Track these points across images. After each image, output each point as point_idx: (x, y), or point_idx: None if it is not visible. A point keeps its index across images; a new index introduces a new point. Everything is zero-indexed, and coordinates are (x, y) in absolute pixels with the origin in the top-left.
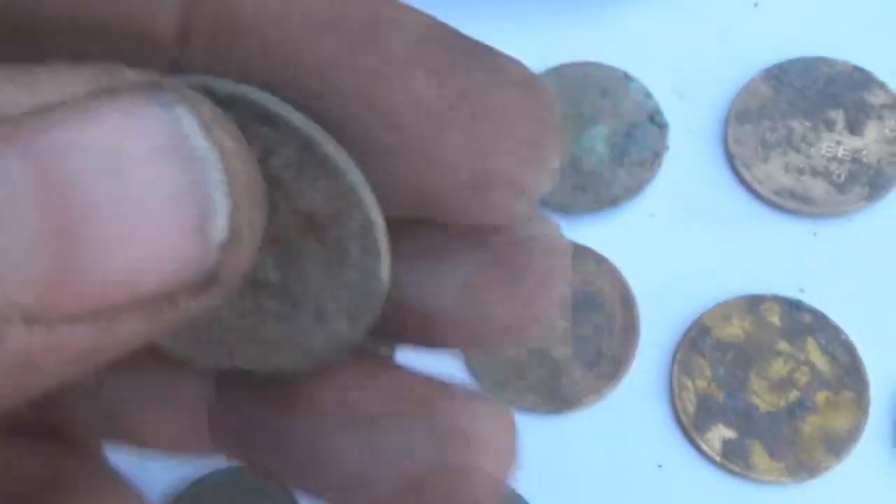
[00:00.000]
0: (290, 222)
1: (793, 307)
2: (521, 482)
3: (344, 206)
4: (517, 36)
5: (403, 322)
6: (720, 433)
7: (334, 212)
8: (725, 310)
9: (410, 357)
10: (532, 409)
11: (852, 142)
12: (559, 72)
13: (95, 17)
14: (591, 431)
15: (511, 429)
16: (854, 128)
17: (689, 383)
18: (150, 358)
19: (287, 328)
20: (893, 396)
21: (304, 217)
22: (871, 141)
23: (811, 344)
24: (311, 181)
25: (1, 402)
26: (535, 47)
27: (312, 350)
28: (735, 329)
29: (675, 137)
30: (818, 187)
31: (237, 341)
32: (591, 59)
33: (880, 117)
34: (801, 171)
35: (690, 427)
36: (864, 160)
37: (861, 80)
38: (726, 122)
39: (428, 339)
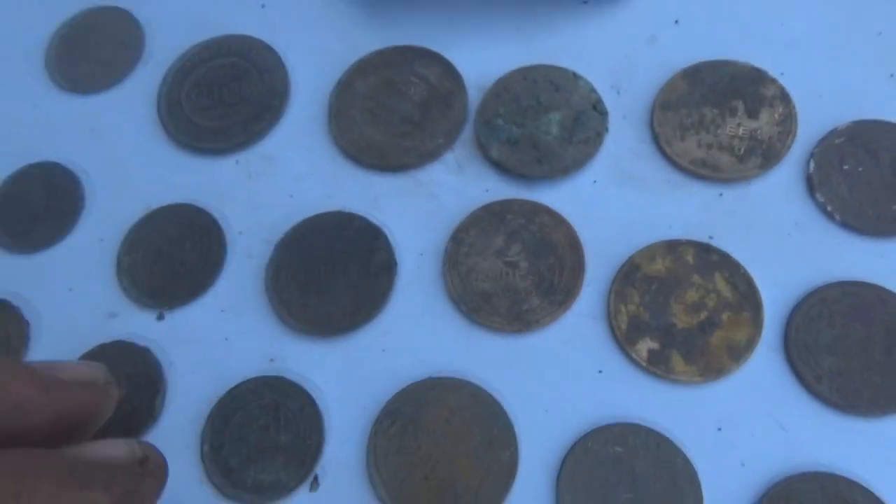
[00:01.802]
0: None
1: (703, 249)
2: (493, 390)
3: None
4: (492, 44)
5: None
6: (646, 345)
7: None
8: (651, 251)
9: None
10: (499, 329)
11: (750, 124)
12: (523, 72)
13: None
14: (546, 347)
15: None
16: (751, 113)
17: (623, 308)
18: None
19: None
20: (781, 316)
21: None
22: (764, 123)
23: (718, 277)
24: None
25: None
26: (506, 53)
27: None
28: (658, 266)
29: (612, 122)
30: (724, 159)
31: None
32: (548, 62)
33: (771, 105)
34: (710, 146)
35: (623, 341)
36: (759, 137)
37: (757, 77)
38: (652, 110)
39: None
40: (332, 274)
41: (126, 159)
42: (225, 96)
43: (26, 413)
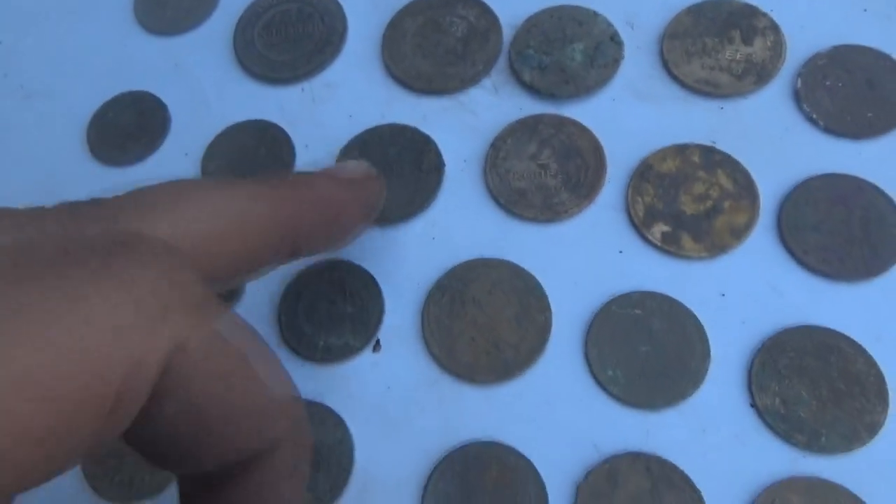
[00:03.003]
0: None
1: (707, 150)
2: (529, 268)
3: None
4: None
5: None
6: (660, 228)
7: None
8: (663, 154)
9: None
10: (533, 219)
11: (746, 49)
12: (550, 11)
13: None
14: (574, 233)
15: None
16: (747, 41)
17: (640, 199)
18: None
19: None
20: (774, 203)
21: None
22: (758, 49)
23: (720, 172)
24: None
25: None
26: None
27: None
28: (669, 165)
29: (627, 50)
30: (724, 78)
31: None
32: (572, 3)
33: (764, 34)
34: (712, 68)
35: (640, 225)
36: (754, 60)
37: (750, 12)
38: (661, 40)
39: None
40: (388, 173)
41: (205, 88)
42: (291, 34)
43: (346, 213)
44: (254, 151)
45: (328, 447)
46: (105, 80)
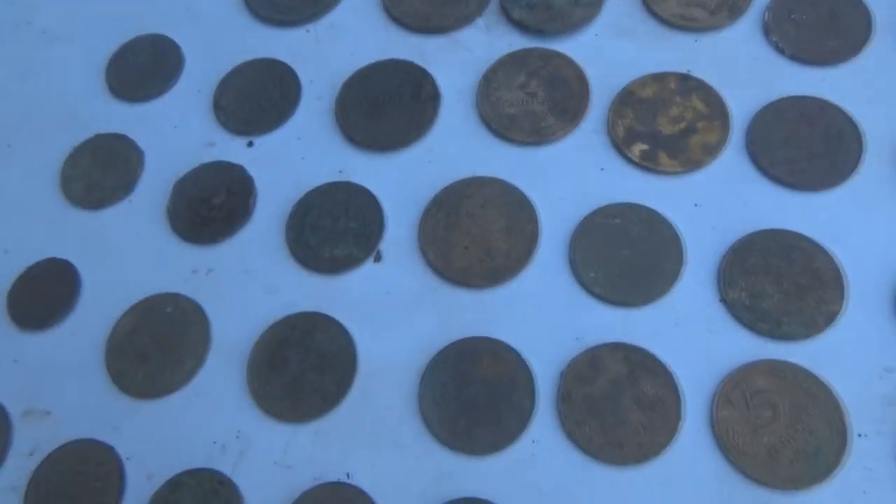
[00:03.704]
0: None
1: (683, 78)
2: (519, 186)
3: None
4: None
5: None
6: (639, 147)
7: None
8: (642, 81)
9: None
10: (522, 142)
11: None
12: None
13: None
14: (559, 154)
15: None
16: None
17: (620, 122)
18: None
19: None
20: (743, 123)
21: None
22: None
23: (694, 97)
24: None
25: None
26: None
27: None
28: (648, 91)
29: None
30: (698, 13)
31: None
32: None
33: None
34: (688, 4)
35: (621, 145)
36: None
37: None
38: None
39: None
40: (388, 102)
41: (216, 30)
42: None
43: None
44: (262, 86)
45: (333, 353)
46: (122, 24)
